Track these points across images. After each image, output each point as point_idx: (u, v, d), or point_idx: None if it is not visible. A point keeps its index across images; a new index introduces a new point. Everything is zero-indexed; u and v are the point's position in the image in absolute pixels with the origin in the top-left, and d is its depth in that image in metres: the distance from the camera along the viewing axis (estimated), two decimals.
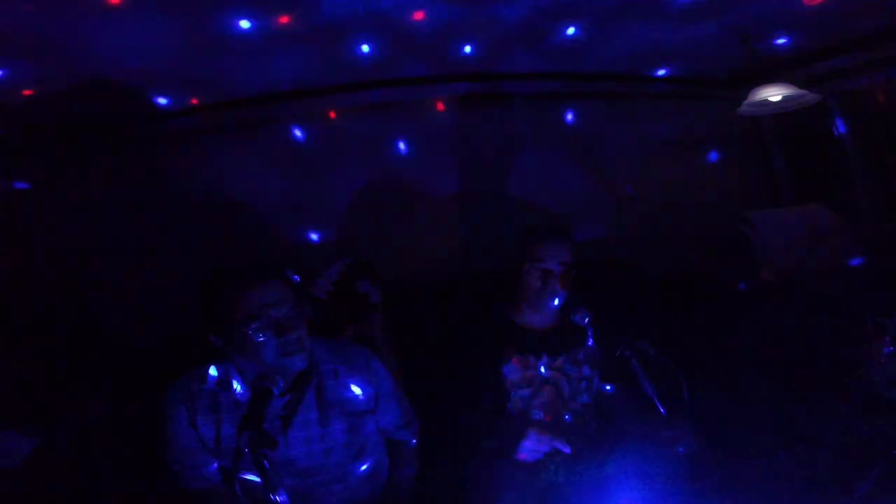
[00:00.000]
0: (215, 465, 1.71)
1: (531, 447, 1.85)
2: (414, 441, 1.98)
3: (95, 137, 2.83)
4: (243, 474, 1.56)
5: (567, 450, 1.85)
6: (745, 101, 2.84)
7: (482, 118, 3.39)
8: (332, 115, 3.19)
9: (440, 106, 3.32)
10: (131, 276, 2.84)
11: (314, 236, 3.21)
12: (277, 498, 1.38)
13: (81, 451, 2.26)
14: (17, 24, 1.88)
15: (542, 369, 2.11)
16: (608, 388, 2.23)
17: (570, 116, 3.57)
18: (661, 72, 3.31)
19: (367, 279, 2.47)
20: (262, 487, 1.38)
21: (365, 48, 2.54)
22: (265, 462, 1.38)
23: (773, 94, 2.73)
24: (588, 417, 2.18)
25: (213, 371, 1.67)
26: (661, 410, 1.86)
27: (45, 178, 2.80)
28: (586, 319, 2.08)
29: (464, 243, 3.38)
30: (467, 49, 2.71)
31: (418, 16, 2.31)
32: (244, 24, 2.17)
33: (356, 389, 1.77)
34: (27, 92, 2.31)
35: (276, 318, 1.56)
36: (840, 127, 3.50)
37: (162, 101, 2.70)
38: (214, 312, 1.58)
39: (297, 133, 3.19)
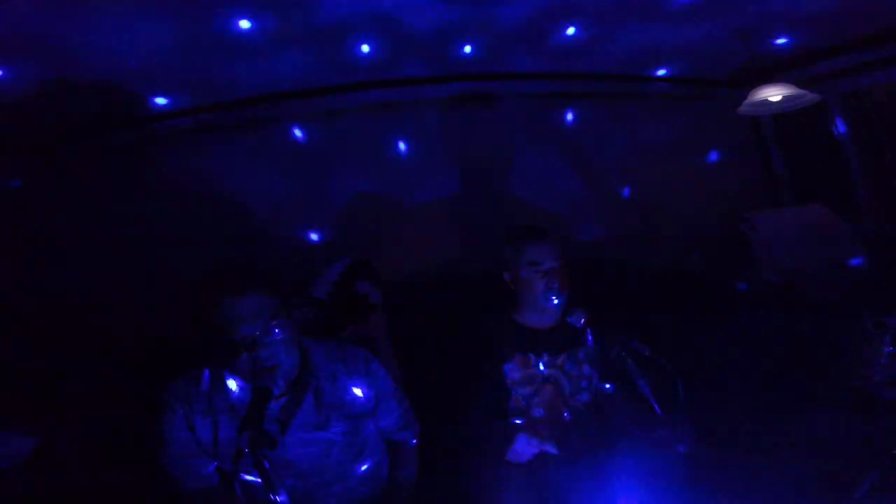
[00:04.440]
0: (213, 466, 1.70)
1: (520, 450, 1.87)
2: (414, 441, 1.98)
3: (94, 137, 2.83)
4: (243, 475, 1.56)
5: (554, 451, 1.87)
6: (745, 101, 2.84)
7: (481, 118, 3.39)
8: (332, 115, 3.19)
9: (440, 106, 3.32)
10: (130, 276, 2.84)
11: (314, 236, 3.21)
12: (277, 498, 1.38)
13: (81, 452, 2.26)
14: (16, 24, 1.87)
15: (543, 368, 2.11)
16: (607, 387, 2.23)
17: (569, 116, 3.57)
18: (661, 72, 3.30)
19: (367, 279, 2.47)
20: (261, 488, 1.38)
21: (365, 48, 2.54)
22: (265, 462, 1.38)
23: (773, 94, 2.73)
24: (588, 416, 2.19)
25: (207, 373, 1.66)
26: (657, 410, 1.86)
27: (43, 178, 2.80)
28: (582, 321, 2.08)
29: (463, 243, 3.38)
30: (467, 49, 2.71)
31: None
32: (244, 24, 2.17)
33: (356, 391, 1.76)
34: (25, 91, 2.31)
35: (245, 334, 1.52)
36: (840, 127, 3.50)
37: (161, 101, 2.69)
38: (197, 318, 1.58)
39: (298, 133, 3.19)
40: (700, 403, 1.90)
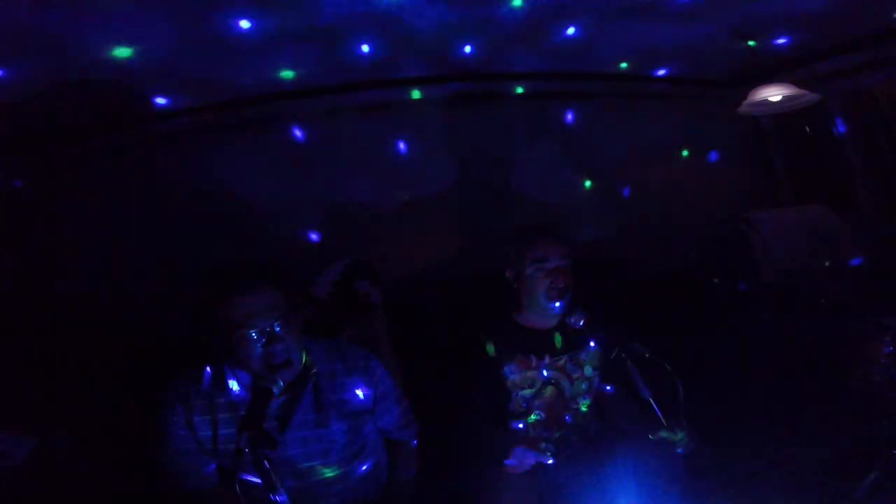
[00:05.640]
0: (213, 465, 1.70)
1: (516, 462, 1.87)
2: (414, 441, 1.98)
3: (94, 137, 2.83)
4: (243, 475, 1.56)
5: (551, 462, 1.87)
6: (745, 101, 2.84)
7: (482, 118, 3.39)
8: (332, 115, 3.19)
9: (440, 106, 3.32)
10: (130, 276, 2.84)
11: (314, 236, 3.21)
12: (277, 498, 1.38)
13: (81, 451, 2.26)
14: (16, 23, 1.87)
15: (544, 370, 2.11)
16: (608, 388, 2.23)
17: (569, 116, 3.57)
18: (661, 72, 3.30)
19: (367, 279, 2.47)
20: (261, 488, 1.38)
21: (365, 48, 2.54)
22: (265, 462, 1.38)
23: (773, 94, 2.73)
24: (588, 418, 2.18)
25: (208, 371, 1.66)
26: (657, 411, 1.86)
27: (43, 178, 2.80)
28: (581, 322, 2.07)
29: (464, 243, 3.38)
30: (467, 49, 2.71)
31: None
32: (244, 24, 2.17)
33: (355, 390, 1.76)
34: (26, 91, 2.31)
35: (261, 328, 1.54)
36: (840, 127, 3.50)
37: (161, 101, 2.69)
38: (203, 316, 1.57)
39: (297, 133, 3.19)
40: (700, 404, 1.90)
